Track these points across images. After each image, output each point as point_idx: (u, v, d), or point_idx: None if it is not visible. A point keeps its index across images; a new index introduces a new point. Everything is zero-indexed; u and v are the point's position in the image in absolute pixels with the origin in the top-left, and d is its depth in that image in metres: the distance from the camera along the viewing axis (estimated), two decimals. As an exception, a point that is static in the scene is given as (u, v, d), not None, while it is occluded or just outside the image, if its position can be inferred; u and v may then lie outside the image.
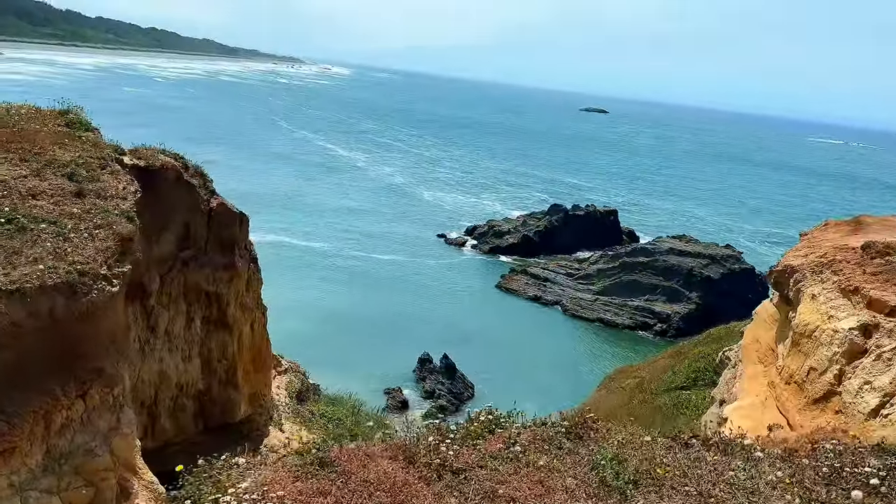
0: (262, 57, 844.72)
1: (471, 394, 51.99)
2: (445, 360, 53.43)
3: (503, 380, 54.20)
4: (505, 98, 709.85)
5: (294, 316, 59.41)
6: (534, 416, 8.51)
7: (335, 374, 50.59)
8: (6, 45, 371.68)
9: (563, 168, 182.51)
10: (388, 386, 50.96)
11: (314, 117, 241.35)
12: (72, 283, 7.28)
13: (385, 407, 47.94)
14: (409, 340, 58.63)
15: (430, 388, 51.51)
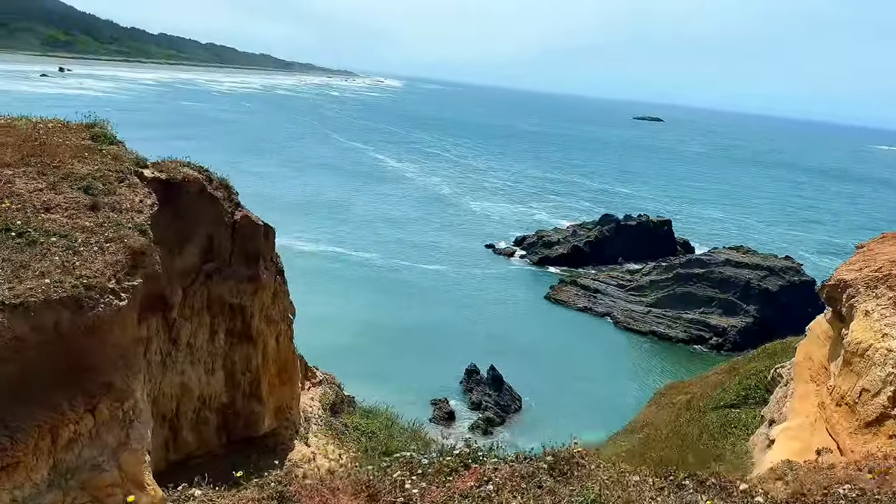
0: (317, 70, 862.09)
1: (518, 406, 51.24)
2: (492, 372, 52.84)
3: (551, 393, 53.35)
4: (556, 107, 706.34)
5: (341, 325, 59.91)
6: (569, 439, 7.94)
7: (382, 384, 50.67)
8: (76, 62, 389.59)
9: (614, 177, 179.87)
10: (435, 397, 50.61)
11: (365, 129, 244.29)
12: (77, 298, 7.24)
13: (431, 418, 47.73)
14: (456, 351, 58.30)
15: (476, 400, 50.97)
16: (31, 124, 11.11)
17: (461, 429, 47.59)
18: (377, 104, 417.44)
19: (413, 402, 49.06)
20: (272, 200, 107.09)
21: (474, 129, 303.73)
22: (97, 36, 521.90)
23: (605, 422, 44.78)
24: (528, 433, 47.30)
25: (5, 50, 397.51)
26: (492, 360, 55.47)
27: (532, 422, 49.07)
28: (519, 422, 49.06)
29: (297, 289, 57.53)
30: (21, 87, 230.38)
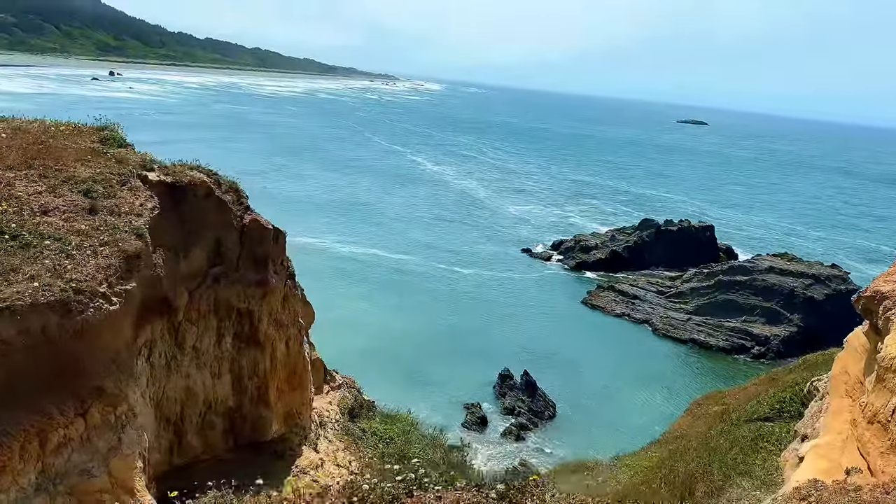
0: (359, 74, 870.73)
1: (552, 413, 50.48)
2: (526, 378, 52.25)
3: (586, 400, 52.54)
4: (597, 110, 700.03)
5: (375, 328, 60.04)
6: (602, 448, 7.44)
7: (415, 387, 50.71)
8: (125, 66, 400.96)
9: (656, 181, 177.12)
10: (468, 401, 50.17)
11: (404, 132, 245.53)
12: (66, 301, 7.17)
13: (463, 422, 47.41)
14: (489, 355, 57.88)
15: (509, 406, 50.43)
16: (42, 127, 11.21)
17: (493, 434, 47.13)
18: (416, 107, 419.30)
19: (445, 405, 48.92)
20: (309, 202, 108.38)
21: (513, 131, 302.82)
22: (146, 41, 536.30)
23: (641, 431, 43.84)
24: (561, 441, 46.65)
25: (62, 54, 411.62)
26: (526, 365, 54.91)
27: (565, 429, 48.33)
28: (552, 429, 48.35)
29: (332, 291, 58.20)
30: (73, 90, 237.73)
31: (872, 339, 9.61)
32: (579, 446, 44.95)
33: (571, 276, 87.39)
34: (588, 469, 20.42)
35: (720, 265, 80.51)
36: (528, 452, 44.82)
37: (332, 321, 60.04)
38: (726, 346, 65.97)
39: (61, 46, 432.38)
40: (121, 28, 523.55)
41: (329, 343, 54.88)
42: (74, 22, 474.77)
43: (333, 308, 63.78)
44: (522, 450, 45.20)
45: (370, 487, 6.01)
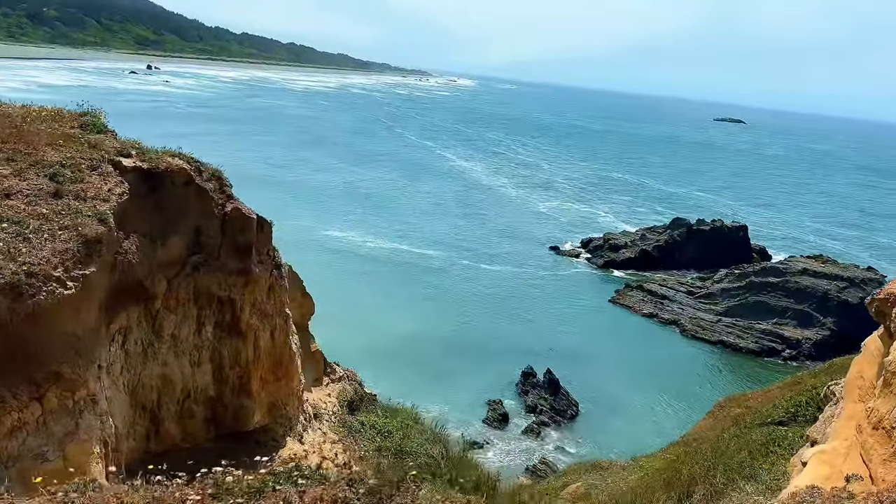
0: (393, 70, 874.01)
1: (575, 412, 49.86)
2: (548, 376, 51.71)
3: (609, 400, 51.81)
4: (633, 107, 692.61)
5: (399, 322, 60.05)
6: (622, 448, 7.01)
7: (437, 383, 50.58)
8: (163, 60, 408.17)
9: (690, 180, 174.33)
10: (490, 397, 49.84)
11: (434, 127, 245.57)
12: (16, 285, 7.00)
13: (484, 418, 47.14)
14: (513, 353, 57.49)
15: (532, 403, 49.98)
16: (25, 111, 11.17)
17: (514, 431, 46.74)
18: (448, 103, 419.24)
19: (467, 401, 48.67)
20: (335, 195, 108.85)
21: (545, 128, 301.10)
22: (184, 35, 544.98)
23: (664, 432, 43.08)
24: (582, 440, 46.09)
25: (101, 48, 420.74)
26: (550, 363, 54.41)
27: (587, 429, 47.72)
28: (573, 428, 47.77)
29: (356, 285, 58.15)
30: (111, 84, 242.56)
31: (886, 342, 9.08)
32: (601, 446, 44.36)
33: (599, 275, 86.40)
34: (602, 469, 20.01)
35: (752, 266, 78.79)
36: (548, 451, 44.36)
37: (356, 315, 60.47)
38: (756, 348, 64.53)
39: (101, 40, 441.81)
40: (159, 22, 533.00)
41: (353, 336, 55.30)
42: (115, 16, 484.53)
43: (358, 302, 64.03)
44: (543, 448, 44.75)
45: (234, 480, 5.70)
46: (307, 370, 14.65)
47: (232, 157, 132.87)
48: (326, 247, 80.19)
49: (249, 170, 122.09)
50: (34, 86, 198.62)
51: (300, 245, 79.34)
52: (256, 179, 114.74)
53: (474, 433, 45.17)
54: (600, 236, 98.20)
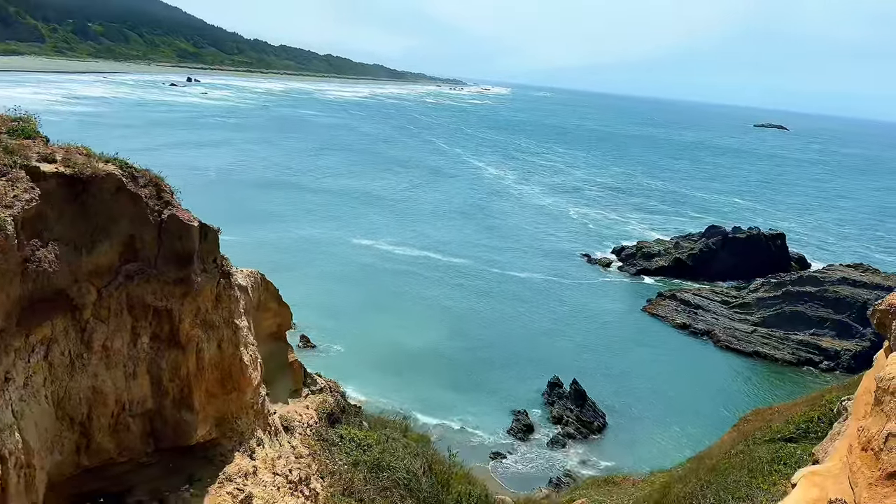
0: (427, 80, 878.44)
1: (601, 424, 48.88)
2: (575, 386, 50.85)
3: (637, 412, 50.75)
4: (672, 114, 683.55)
5: (426, 330, 59.96)
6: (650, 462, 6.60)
7: (462, 391, 50.25)
8: (202, 73, 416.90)
9: (727, 187, 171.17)
10: (516, 407, 49.21)
11: (466, 136, 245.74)
12: None
13: (509, 429, 46.52)
14: (541, 362, 56.83)
15: (557, 414, 49.13)
16: None
17: (539, 442, 46.01)
18: (480, 111, 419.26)
19: (492, 411, 48.15)
20: (363, 202, 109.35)
21: (579, 135, 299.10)
22: (223, 48, 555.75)
23: (690, 446, 42.02)
24: (608, 452, 45.13)
25: (144, 61, 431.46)
26: (578, 373, 53.54)
27: (613, 441, 46.74)
28: (599, 440, 46.82)
29: (384, 292, 58.24)
30: (151, 96, 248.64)
31: (890, 356, 8.56)
32: (626, 459, 43.42)
33: (632, 284, 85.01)
34: (614, 484, 19.40)
35: (789, 275, 76.71)
36: (572, 463, 43.59)
37: (384, 323, 60.59)
38: (792, 359, 62.67)
39: (144, 54, 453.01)
40: (200, 36, 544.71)
41: (380, 344, 55.27)
42: (157, 30, 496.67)
43: (386, 309, 64.12)
44: (567, 460, 43.98)
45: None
46: (283, 381, 14.36)
47: (259, 163, 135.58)
48: (355, 255, 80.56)
49: (275, 175, 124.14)
50: (69, 97, 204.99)
51: (329, 253, 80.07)
52: (283, 185, 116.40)
53: (498, 443, 44.70)
54: (633, 244, 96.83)
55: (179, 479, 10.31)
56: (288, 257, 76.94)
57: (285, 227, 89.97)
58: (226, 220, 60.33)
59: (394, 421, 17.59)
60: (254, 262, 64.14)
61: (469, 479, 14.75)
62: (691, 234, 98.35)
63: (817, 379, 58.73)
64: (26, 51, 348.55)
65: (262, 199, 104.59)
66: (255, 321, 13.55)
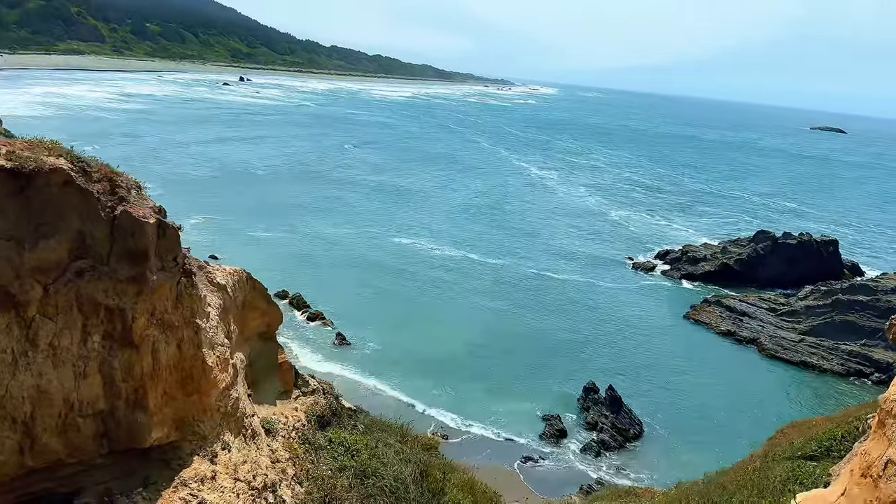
0: (474, 80, 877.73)
1: (637, 432, 47.72)
2: (611, 392, 49.83)
3: (676, 421, 49.40)
4: (722, 115, 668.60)
5: (462, 330, 59.65)
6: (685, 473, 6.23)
7: (495, 394, 49.74)
8: (255, 72, 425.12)
9: (779, 191, 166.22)
10: (549, 411, 48.47)
11: (511, 135, 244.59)
12: None
13: (541, 434, 45.83)
14: (577, 366, 55.95)
15: (592, 420, 48.17)
16: None
17: (572, 449, 45.22)
18: (527, 111, 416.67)
19: (525, 414, 47.50)
20: (403, 201, 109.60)
21: (626, 136, 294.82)
22: (275, 48, 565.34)
23: (730, 458, 40.61)
24: (642, 461, 44.02)
25: (198, 60, 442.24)
26: (616, 379, 52.57)
27: (648, 450, 45.57)
28: (634, 448, 45.70)
29: (421, 293, 58.33)
30: (201, 94, 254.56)
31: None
32: (660, 469, 42.33)
33: (676, 289, 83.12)
34: (635, 496, 18.78)
35: (840, 283, 73.92)
36: (605, 471, 42.68)
37: (420, 322, 60.58)
38: (841, 370, 60.30)
39: (199, 53, 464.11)
40: (253, 36, 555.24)
41: (416, 343, 55.28)
42: (212, 30, 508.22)
43: (422, 309, 64.09)
44: (600, 467, 43.09)
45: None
46: (271, 382, 14.10)
47: (299, 159, 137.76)
48: (393, 253, 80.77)
49: (315, 172, 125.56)
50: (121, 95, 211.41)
51: (367, 251, 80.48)
52: (323, 181, 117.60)
53: (530, 447, 44.13)
54: (679, 248, 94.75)
55: (133, 482, 10.17)
56: (326, 254, 77.66)
57: (324, 223, 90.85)
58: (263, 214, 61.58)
59: (393, 424, 17.22)
60: (291, 257, 65.06)
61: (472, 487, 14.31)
62: (740, 239, 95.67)
63: (867, 391, 56.33)
64: (87, 50, 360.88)
65: (301, 194, 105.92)
66: (241, 320, 13.34)
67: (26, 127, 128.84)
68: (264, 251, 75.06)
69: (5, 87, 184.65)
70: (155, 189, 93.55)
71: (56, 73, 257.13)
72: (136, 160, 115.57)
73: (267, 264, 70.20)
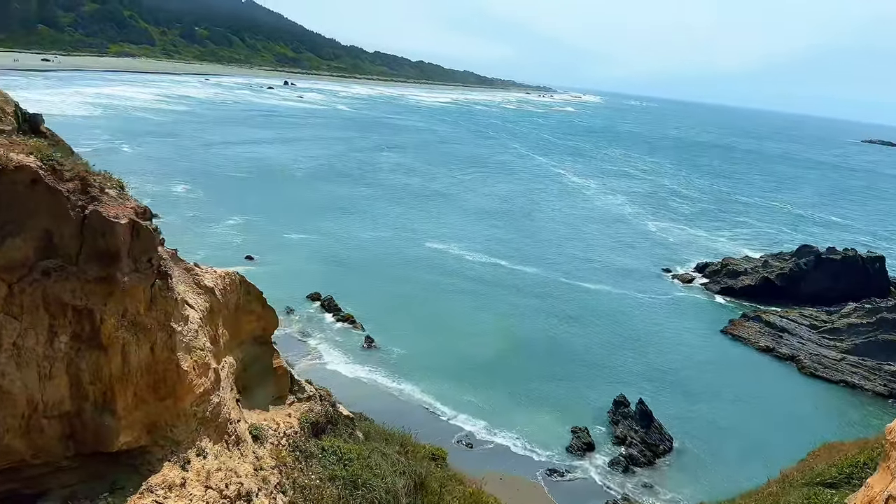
0: (516, 87, 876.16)
1: (668, 447, 46.53)
2: (640, 406, 48.72)
3: (708, 438, 48.04)
4: (770, 125, 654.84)
5: (491, 338, 59.16)
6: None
7: (522, 403, 49.10)
8: (299, 77, 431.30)
9: (825, 204, 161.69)
10: (577, 424, 47.56)
11: (549, 142, 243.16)
12: None
13: (568, 446, 44.99)
14: (608, 378, 54.97)
15: (621, 434, 47.16)
16: None
17: (599, 463, 44.29)
18: (568, 119, 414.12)
19: (552, 426, 46.69)
20: (437, 206, 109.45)
21: (668, 145, 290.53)
22: (320, 53, 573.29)
23: (761, 478, 39.35)
24: (671, 478, 42.85)
25: (245, 65, 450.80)
26: (647, 393, 51.48)
27: (678, 467, 44.36)
28: (663, 465, 44.54)
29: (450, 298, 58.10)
30: (247, 97, 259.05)
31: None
32: (689, 487, 41.16)
33: (714, 302, 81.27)
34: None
35: (885, 301, 71.34)
36: (632, 487, 41.69)
37: (447, 328, 60.23)
38: (884, 391, 58.03)
39: (245, 57, 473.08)
40: (299, 41, 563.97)
41: (444, 350, 54.96)
42: (258, 35, 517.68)
43: (451, 315, 63.70)
44: (627, 483, 42.10)
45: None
46: (265, 387, 13.81)
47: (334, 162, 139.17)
48: (425, 258, 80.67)
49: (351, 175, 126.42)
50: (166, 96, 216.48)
51: (399, 255, 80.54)
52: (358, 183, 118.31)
53: (555, 459, 43.36)
54: (718, 261, 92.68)
55: (101, 486, 10.01)
56: (359, 257, 77.95)
57: (357, 225, 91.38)
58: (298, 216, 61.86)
59: (395, 433, 16.77)
60: (324, 260, 65.31)
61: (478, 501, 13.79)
62: (782, 253, 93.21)
63: (913, 414, 54.10)
64: (137, 52, 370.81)
65: (335, 196, 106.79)
66: (233, 324, 13.10)
67: (74, 126, 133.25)
68: (299, 253, 75.71)
69: (58, 88, 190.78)
70: (195, 189, 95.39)
71: (107, 74, 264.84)
72: (175, 160, 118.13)
73: (300, 266, 70.83)
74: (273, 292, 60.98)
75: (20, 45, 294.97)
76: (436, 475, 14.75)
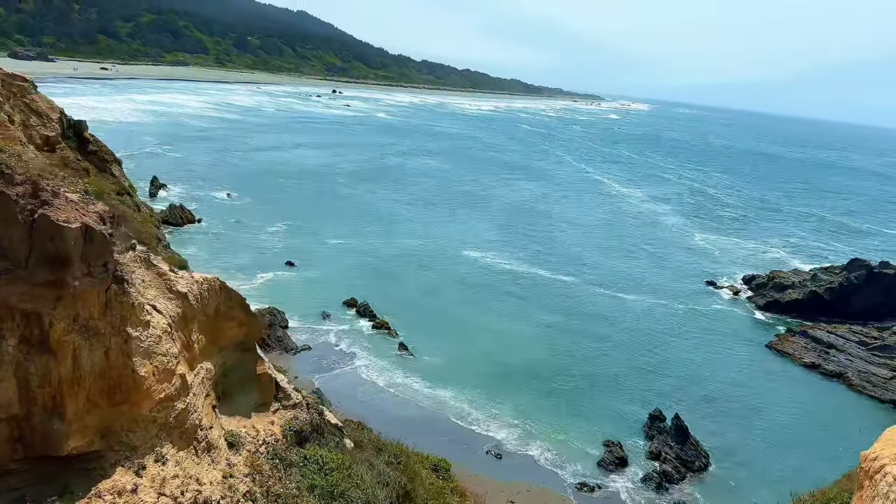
0: (563, 95, 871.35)
1: (704, 464, 45.22)
2: (676, 421, 47.47)
3: (747, 455, 46.54)
4: (821, 134, 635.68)
5: (526, 348, 58.54)
6: None
7: (553, 415, 48.36)
8: (347, 86, 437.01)
9: (878, 216, 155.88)
10: (610, 437, 46.60)
11: (595, 151, 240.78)
12: None
13: (600, 460, 44.10)
14: (644, 392, 53.78)
15: (655, 450, 46.02)
16: None
17: (633, 478, 43.27)
18: (615, 127, 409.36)
19: (584, 439, 45.82)
20: (477, 213, 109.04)
21: (716, 154, 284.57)
22: (369, 62, 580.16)
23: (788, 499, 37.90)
24: (705, 496, 41.60)
25: (295, 73, 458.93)
26: (686, 408, 50.26)
27: (713, 485, 43.02)
28: (698, 482, 43.24)
29: (486, 307, 57.59)
30: (294, 105, 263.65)
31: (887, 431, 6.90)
32: (723, 505, 39.96)
33: (759, 317, 78.92)
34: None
35: (941, 318, 68.22)
36: (663, 503, 40.63)
37: (482, 337, 59.81)
38: (937, 414, 55.43)
39: (295, 66, 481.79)
40: (348, 50, 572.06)
41: (479, 358, 54.54)
42: (308, 44, 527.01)
43: (486, 324, 63.21)
44: (659, 500, 41.03)
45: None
46: (247, 394, 13.65)
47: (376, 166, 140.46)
48: (463, 266, 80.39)
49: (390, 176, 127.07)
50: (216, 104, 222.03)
51: (437, 262, 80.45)
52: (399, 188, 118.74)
53: (587, 473, 42.52)
54: (765, 274, 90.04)
55: (50, 490, 10.02)
56: (396, 263, 78.13)
57: (394, 232, 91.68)
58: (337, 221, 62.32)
59: (389, 443, 16.46)
60: (361, 266, 65.54)
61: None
62: (832, 266, 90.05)
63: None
64: (191, 61, 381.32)
65: (374, 203, 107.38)
66: (212, 330, 13.03)
67: (126, 132, 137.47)
68: (337, 259, 76.34)
69: (113, 95, 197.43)
70: (240, 195, 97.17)
71: (161, 82, 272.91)
72: (220, 165, 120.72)
73: (338, 272, 71.39)
74: (311, 298, 61.39)
75: (80, 55, 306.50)
76: (426, 487, 14.43)
